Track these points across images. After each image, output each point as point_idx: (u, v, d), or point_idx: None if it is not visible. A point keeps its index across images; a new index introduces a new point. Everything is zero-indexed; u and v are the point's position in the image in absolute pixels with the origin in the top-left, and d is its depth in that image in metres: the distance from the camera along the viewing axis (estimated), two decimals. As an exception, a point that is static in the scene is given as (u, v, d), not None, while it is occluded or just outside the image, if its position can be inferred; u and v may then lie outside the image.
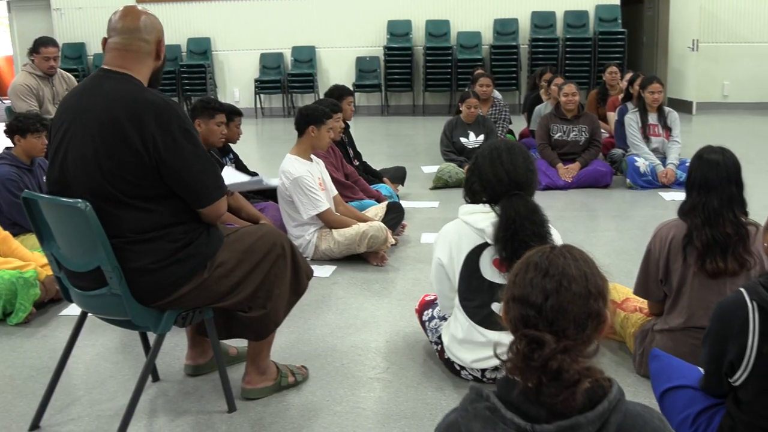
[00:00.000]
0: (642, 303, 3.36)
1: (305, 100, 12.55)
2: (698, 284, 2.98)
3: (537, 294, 1.51)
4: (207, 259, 2.77)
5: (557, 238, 3.05)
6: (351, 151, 6.36)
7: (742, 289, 2.26)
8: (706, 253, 2.94)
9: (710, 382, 2.40)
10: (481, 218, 3.02)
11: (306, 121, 4.86)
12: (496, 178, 2.98)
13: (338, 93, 6.24)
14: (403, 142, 10.20)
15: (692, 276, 2.98)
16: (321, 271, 4.68)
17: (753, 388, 2.20)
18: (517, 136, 8.78)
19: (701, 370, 2.48)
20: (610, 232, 5.61)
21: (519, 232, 2.85)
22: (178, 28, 13.26)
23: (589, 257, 1.59)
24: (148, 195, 2.64)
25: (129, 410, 2.75)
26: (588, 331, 1.51)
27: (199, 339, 3.31)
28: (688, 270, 3.00)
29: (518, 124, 9.50)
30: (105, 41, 2.78)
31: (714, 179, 2.98)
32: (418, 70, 13.05)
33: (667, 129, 7.11)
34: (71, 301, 2.98)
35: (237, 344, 3.42)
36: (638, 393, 3.07)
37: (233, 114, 5.25)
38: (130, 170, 2.58)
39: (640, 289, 3.21)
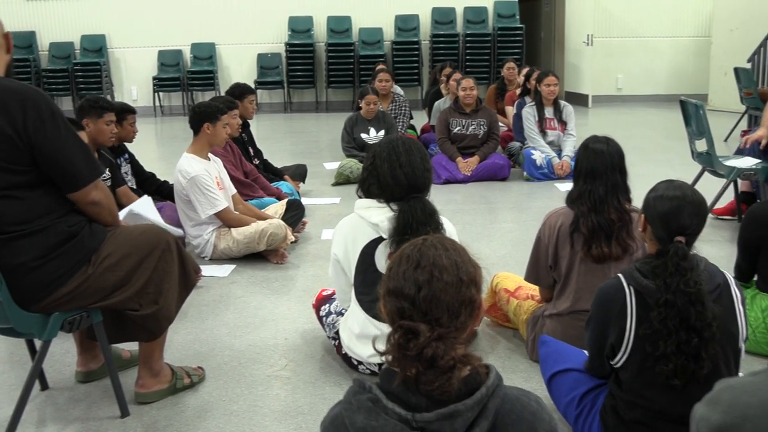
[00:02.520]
0: (534, 290, 3.44)
1: (206, 97, 12.31)
2: (585, 269, 3.07)
3: (410, 286, 1.53)
4: (91, 253, 2.70)
5: (452, 233, 3.09)
6: (251, 150, 6.30)
7: (620, 275, 2.36)
8: (592, 239, 3.04)
9: (593, 365, 2.48)
10: (376, 213, 3.03)
11: (200, 118, 4.77)
12: (395, 181, 2.96)
13: (239, 92, 6.17)
14: (305, 138, 10.15)
15: (579, 261, 3.08)
16: (219, 270, 4.62)
17: (632, 369, 2.30)
18: (418, 131, 8.86)
19: (586, 353, 2.56)
20: (508, 224, 5.73)
21: (414, 236, 2.84)
22: (71, 25, 12.85)
23: (461, 246, 1.61)
24: (24, 183, 2.57)
25: (13, 420, 2.66)
26: (462, 318, 1.54)
27: (90, 344, 3.21)
28: (575, 256, 3.09)
29: (421, 120, 9.59)
30: None
31: (599, 167, 3.07)
32: (321, 66, 13.02)
33: (563, 122, 7.30)
34: (-51, 310, 2.85)
35: (130, 347, 3.33)
36: (531, 378, 3.15)
37: (126, 112, 5.11)
38: (4, 157, 2.53)
39: (531, 276, 3.29)
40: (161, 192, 5.38)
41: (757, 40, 10.12)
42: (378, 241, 3.04)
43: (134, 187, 5.21)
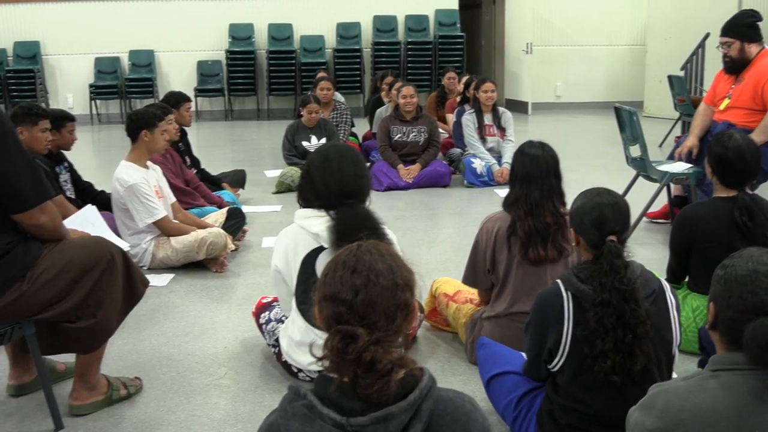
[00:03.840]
0: (473, 294, 3.48)
1: (144, 105, 12.12)
2: (522, 272, 3.12)
3: (347, 291, 1.55)
4: (25, 269, 2.64)
5: (392, 240, 3.11)
6: (188, 159, 6.23)
7: (558, 281, 2.40)
8: (529, 242, 3.09)
9: (531, 368, 2.53)
10: (316, 222, 3.04)
11: (137, 126, 4.70)
12: (326, 188, 3.00)
13: (174, 99, 6.12)
14: (247, 146, 10.08)
15: (516, 265, 3.13)
16: (158, 279, 4.55)
17: (568, 373, 2.34)
18: (360, 139, 8.87)
19: (524, 355, 2.60)
20: (449, 229, 5.78)
21: (351, 242, 2.86)
22: (3, 31, 12.52)
23: (395, 251, 1.65)
24: None
25: (-59, 437, 2.57)
26: (398, 322, 1.57)
27: (23, 356, 3.13)
28: (512, 259, 3.14)
29: (363, 127, 9.61)
30: None
31: (535, 172, 3.13)
32: (262, 73, 12.94)
33: (502, 129, 7.40)
34: None
35: (66, 359, 3.26)
36: (469, 381, 3.18)
37: (64, 119, 5.00)
38: None
39: (469, 279, 3.34)
40: (98, 202, 5.26)
41: (689, 48, 10.40)
42: (319, 250, 3.05)
43: (73, 196, 5.11)
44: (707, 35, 10.06)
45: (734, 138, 3.36)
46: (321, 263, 3.05)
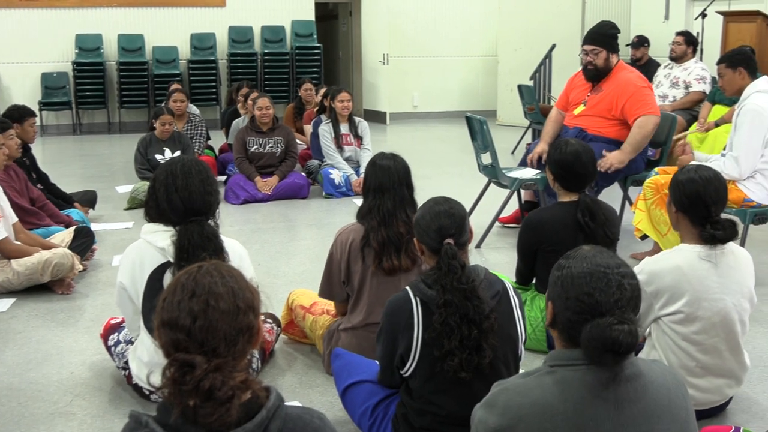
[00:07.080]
0: (329, 305, 3.47)
1: (-15, 120, 11.40)
2: (376, 282, 3.14)
3: (185, 317, 1.50)
4: None
5: (243, 255, 3.05)
6: (34, 175, 5.91)
7: (407, 287, 2.43)
8: (383, 252, 3.12)
9: (385, 375, 2.54)
10: (162, 237, 2.96)
11: (-31, 142, 4.42)
12: (170, 206, 2.90)
13: (18, 114, 5.79)
14: (97, 161, 9.66)
15: (371, 275, 3.14)
16: (-3, 305, 4.29)
17: (420, 377, 2.37)
18: (217, 152, 8.71)
19: (378, 364, 2.61)
20: (307, 241, 5.75)
21: (193, 261, 2.80)
22: None
23: (238, 272, 1.60)
24: None
25: None
26: (240, 346, 1.53)
27: None
28: (367, 270, 3.15)
29: (219, 140, 9.44)
30: None
31: (387, 183, 3.17)
32: (112, 86, 12.47)
33: (359, 138, 7.46)
34: None
35: None
36: (327, 392, 3.17)
37: None
38: None
39: (325, 292, 3.32)
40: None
41: (537, 59, 10.83)
42: (166, 266, 2.97)
43: None
44: (554, 46, 10.52)
45: (570, 143, 3.54)
46: (168, 279, 2.95)
